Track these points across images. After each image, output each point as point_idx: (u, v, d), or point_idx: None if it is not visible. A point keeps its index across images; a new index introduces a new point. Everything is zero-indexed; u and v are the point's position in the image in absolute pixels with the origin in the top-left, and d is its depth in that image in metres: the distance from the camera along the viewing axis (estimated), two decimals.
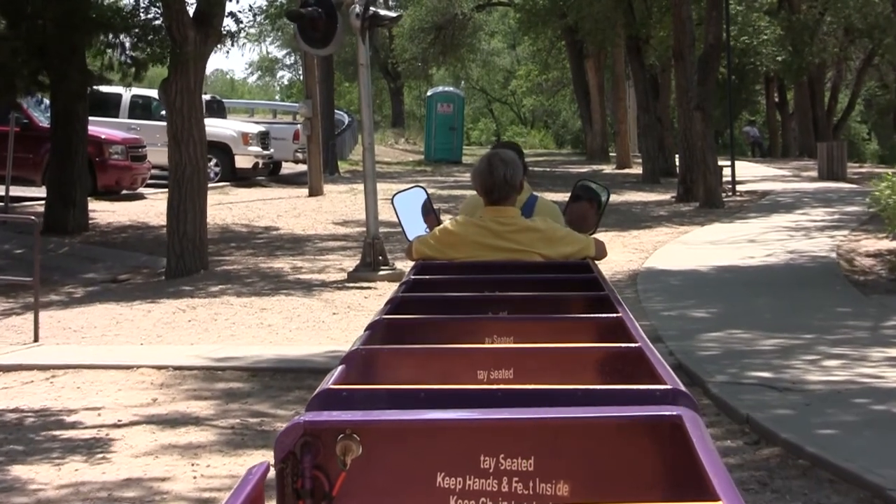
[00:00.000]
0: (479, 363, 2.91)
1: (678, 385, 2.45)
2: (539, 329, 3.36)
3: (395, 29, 52.70)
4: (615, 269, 13.92)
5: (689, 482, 2.05)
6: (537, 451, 2.23)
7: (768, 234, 16.87)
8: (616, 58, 37.60)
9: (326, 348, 9.08)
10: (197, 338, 9.91)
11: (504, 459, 2.23)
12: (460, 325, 3.44)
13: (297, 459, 2.20)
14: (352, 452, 2.20)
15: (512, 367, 2.89)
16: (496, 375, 2.89)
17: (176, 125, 14.09)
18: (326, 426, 2.23)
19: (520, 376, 2.86)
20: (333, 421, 2.25)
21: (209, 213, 21.32)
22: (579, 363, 2.92)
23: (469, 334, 3.30)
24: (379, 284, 12.84)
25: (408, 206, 5.42)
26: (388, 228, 19.75)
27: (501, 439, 2.24)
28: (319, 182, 25.12)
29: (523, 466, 2.23)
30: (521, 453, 2.23)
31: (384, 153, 46.27)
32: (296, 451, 2.20)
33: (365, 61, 13.10)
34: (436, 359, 2.97)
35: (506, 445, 2.23)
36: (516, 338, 3.29)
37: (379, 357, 2.96)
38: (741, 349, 8.81)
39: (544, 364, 2.92)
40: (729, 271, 13.47)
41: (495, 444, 2.24)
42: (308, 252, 16.68)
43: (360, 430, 2.21)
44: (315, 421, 2.24)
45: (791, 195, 24.31)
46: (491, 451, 2.23)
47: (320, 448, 2.21)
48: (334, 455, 2.20)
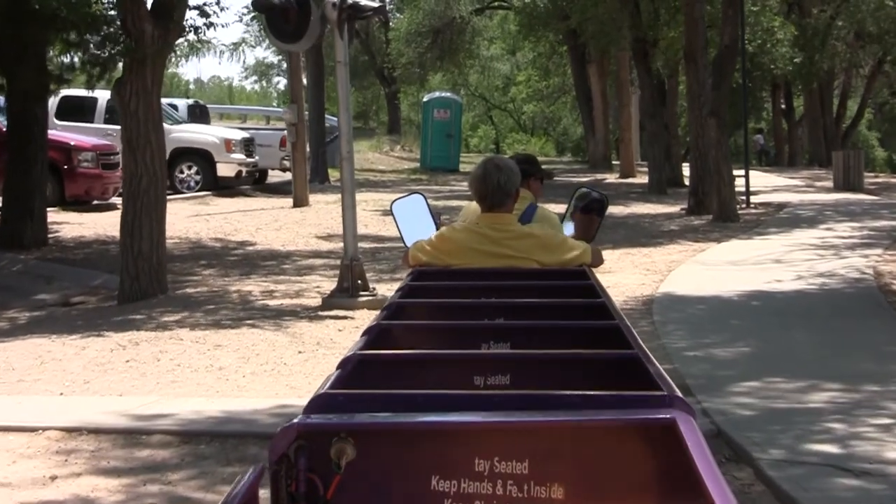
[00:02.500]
0: (475, 369, 2.92)
1: (674, 391, 2.45)
2: (535, 335, 3.38)
3: (391, 32, 51.19)
4: (626, 293, 12.30)
5: (684, 486, 2.10)
6: (532, 455, 2.26)
7: (794, 252, 15.23)
8: (621, 62, 35.97)
9: (279, 402, 7.44)
10: (130, 385, 8.26)
11: (498, 462, 2.26)
12: (456, 330, 3.45)
13: (292, 462, 2.22)
14: (346, 455, 2.22)
15: (508, 373, 2.90)
16: (493, 381, 2.90)
17: (131, 130, 12.47)
18: (321, 429, 2.25)
19: (516, 382, 2.88)
20: (328, 424, 2.28)
21: (182, 225, 19.82)
22: (576, 370, 2.90)
23: (465, 340, 3.30)
24: (357, 313, 11.22)
25: (407, 213, 5.41)
26: (374, 244, 18.20)
27: (496, 442, 2.28)
28: (305, 192, 23.51)
29: (518, 469, 2.26)
30: (515, 456, 2.26)
31: (378, 161, 44.72)
32: (290, 454, 2.22)
33: (343, 59, 11.46)
34: (432, 364, 2.96)
35: (500, 448, 2.27)
36: (513, 344, 3.30)
37: (375, 362, 2.94)
38: (789, 407, 7.16)
39: (541, 370, 2.94)
40: (756, 298, 11.83)
41: (490, 448, 2.27)
42: (285, 271, 15.06)
43: (355, 433, 2.24)
44: (309, 423, 2.27)
45: (810, 208, 22.68)
46: (485, 454, 2.26)
47: (315, 451, 2.23)
48: (329, 458, 2.22)
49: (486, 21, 54.36)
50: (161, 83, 13.00)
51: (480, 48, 52.66)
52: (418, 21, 45.63)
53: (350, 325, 10.55)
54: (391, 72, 51.60)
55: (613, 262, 14.85)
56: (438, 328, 3.49)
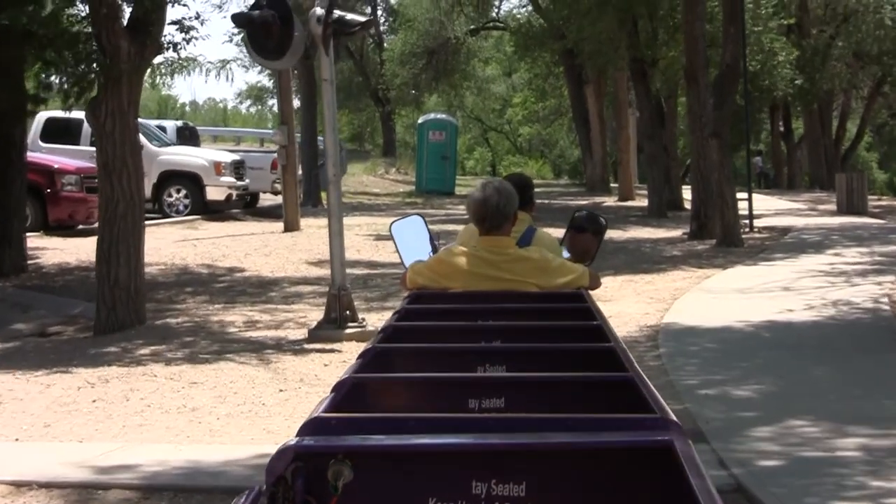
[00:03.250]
0: (470, 392, 2.90)
1: (668, 414, 2.44)
2: (531, 358, 3.36)
3: (386, 53, 50.68)
4: (630, 323, 11.64)
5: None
6: (529, 478, 2.25)
7: (803, 279, 14.57)
8: (618, 83, 35.41)
9: (254, 450, 6.75)
10: (94, 429, 7.58)
11: (496, 485, 2.25)
12: (452, 353, 3.43)
13: (289, 484, 2.20)
14: (343, 477, 2.21)
15: (503, 396, 2.89)
16: (487, 404, 2.88)
17: (107, 153, 11.80)
18: (318, 450, 2.25)
19: (511, 405, 2.86)
20: (325, 445, 2.27)
21: (169, 251, 19.16)
22: (571, 392, 2.89)
23: (461, 363, 3.28)
24: (345, 346, 10.55)
25: (405, 235, 5.46)
26: (367, 270, 17.54)
27: (493, 465, 2.27)
28: (296, 216, 22.86)
29: (515, 492, 2.25)
30: (512, 479, 2.26)
31: (373, 183, 44.09)
32: (287, 476, 2.20)
33: (329, 77, 10.81)
34: (427, 388, 2.96)
35: (497, 471, 2.26)
36: (509, 367, 3.27)
37: (369, 385, 2.92)
38: (816, 455, 6.49)
39: (536, 393, 2.93)
40: (768, 329, 11.16)
41: (487, 470, 2.26)
42: (272, 299, 14.37)
43: (352, 455, 2.23)
44: (306, 445, 2.26)
45: (815, 232, 22.03)
46: (482, 476, 2.26)
47: (312, 473, 2.22)
48: (326, 480, 2.21)
49: (482, 42, 53.86)
50: (138, 102, 12.34)
51: (476, 69, 52.10)
52: (413, 42, 45.11)
53: (337, 359, 9.88)
54: (386, 93, 51.05)
55: (615, 290, 14.19)
56: (434, 351, 3.44)
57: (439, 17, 44.94)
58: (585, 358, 3.28)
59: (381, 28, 58.73)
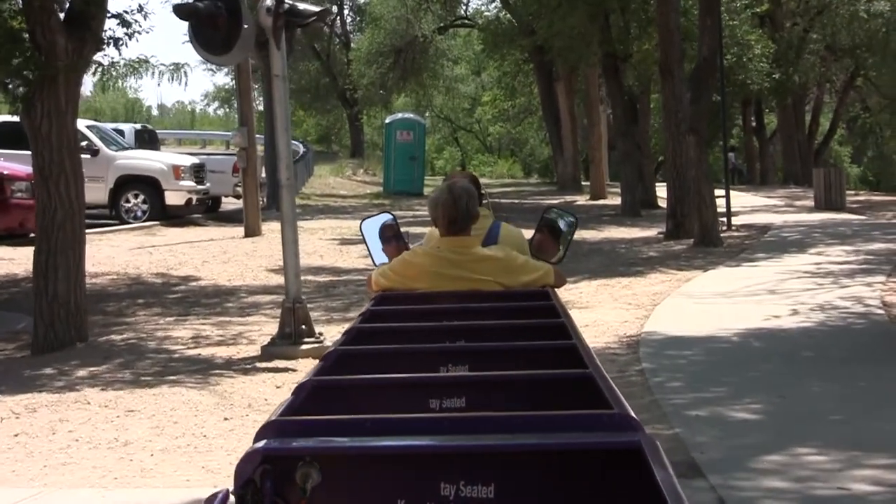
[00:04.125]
0: (431, 392, 2.90)
1: (627, 410, 2.44)
2: (494, 357, 3.35)
3: (352, 52, 49.75)
4: (608, 333, 10.87)
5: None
6: (497, 479, 2.26)
7: (788, 281, 13.81)
8: (589, 79, 34.69)
9: (188, 495, 5.88)
10: (10, 470, 6.68)
11: (464, 487, 2.25)
12: (415, 354, 3.40)
13: (258, 487, 2.19)
14: (312, 479, 2.21)
15: (464, 395, 2.89)
16: (448, 404, 2.89)
17: (43, 157, 10.90)
18: (286, 453, 2.24)
19: (471, 404, 2.87)
20: (293, 448, 2.26)
21: (123, 259, 18.25)
22: (530, 390, 2.88)
23: (424, 364, 3.25)
24: (300, 364, 9.71)
25: (375, 233, 5.38)
26: (330, 277, 16.71)
27: (461, 467, 2.26)
28: (257, 220, 21.98)
29: (483, 493, 2.25)
30: (481, 480, 2.25)
31: (341, 185, 43.19)
32: (255, 479, 2.19)
33: (281, 72, 9.96)
34: (388, 389, 2.93)
35: (466, 473, 2.25)
36: (472, 366, 3.28)
37: (331, 388, 2.89)
38: (830, 495, 5.65)
39: (495, 392, 2.91)
40: (757, 337, 10.38)
41: (455, 472, 2.26)
42: (227, 311, 13.52)
43: (320, 458, 2.23)
44: (274, 448, 2.25)
45: (795, 229, 21.33)
46: (451, 478, 2.25)
47: (280, 475, 2.20)
48: (294, 482, 2.20)
49: (450, 41, 53.04)
50: (77, 102, 11.43)
51: (445, 68, 51.23)
52: (380, 40, 44.19)
53: (290, 379, 9.02)
54: (353, 93, 50.15)
55: (591, 295, 13.40)
56: (397, 352, 3.40)
57: (406, 15, 44.07)
58: (548, 356, 3.29)
59: (347, 27, 57.93)
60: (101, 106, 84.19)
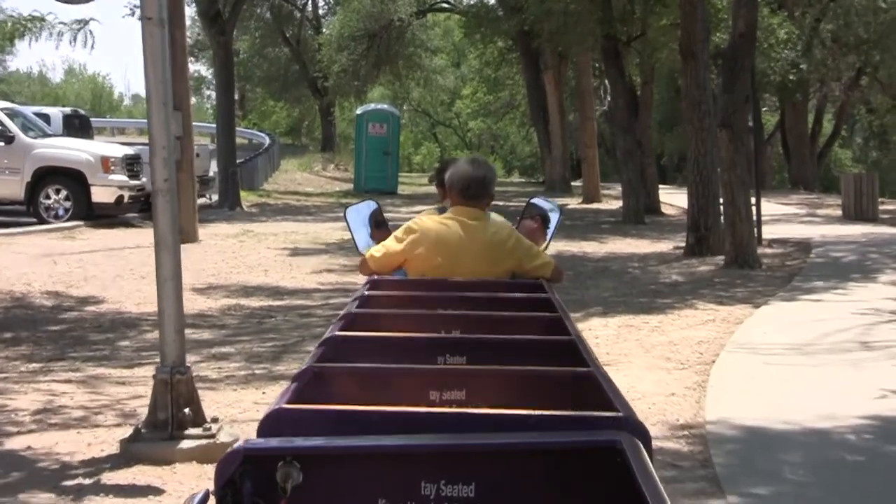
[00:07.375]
0: (430, 383, 2.87)
1: (628, 410, 2.41)
2: (491, 349, 3.32)
3: (322, 37, 46.07)
4: (649, 416, 7.26)
5: None
6: (479, 478, 2.23)
7: (879, 327, 10.25)
8: (582, 68, 31.14)
9: None
10: None
11: (445, 486, 2.22)
12: (413, 342, 3.39)
13: (238, 487, 2.16)
14: (292, 479, 2.17)
15: (464, 387, 2.85)
16: (448, 396, 2.84)
17: None
18: (266, 453, 2.22)
19: (471, 397, 2.82)
20: (273, 448, 2.25)
21: (18, 271, 14.58)
22: (531, 385, 2.86)
23: (421, 353, 3.21)
24: (178, 471, 6.10)
25: (360, 221, 5.38)
26: (269, 301, 13.14)
27: (442, 466, 2.24)
28: (192, 224, 18.35)
29: (464, 493, 2.23)
30: (461, 480, 2.23)
31: (307, 181, 39.66)
32: (236, 479, 2.16)
33: (156, 14, 6.40)
34: (388, 378, 2.92)
35: (446, 472, 2.23)
36: (469, 357, 3.25)
37: (331, 375, 2.88)
38: None
39: (496, 385, 2.89)
40: (880, 433, 6.82)
41: (436, 471, 2.23)
42: (116, 354, 9.89)
43: (300, 457, 2.20)
44: (255, 448, 2.23)
45: (842, 247, 17.76)
46: (432, 477, 2.23)
47: (261, 475, 2.17)
48: (275, 482, 2.17)
49: (428, 31, 49.36)
50: None
51: (422, 58, 47.58)
52: (352, 24, 40.49)
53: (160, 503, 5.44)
54: (324, 82, 46.50)
55: (611, 343, 9.84)
56: (395, 341, 3.36)
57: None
58: (545, 350, 3.26)
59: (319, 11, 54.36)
60: (65, 93, 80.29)
